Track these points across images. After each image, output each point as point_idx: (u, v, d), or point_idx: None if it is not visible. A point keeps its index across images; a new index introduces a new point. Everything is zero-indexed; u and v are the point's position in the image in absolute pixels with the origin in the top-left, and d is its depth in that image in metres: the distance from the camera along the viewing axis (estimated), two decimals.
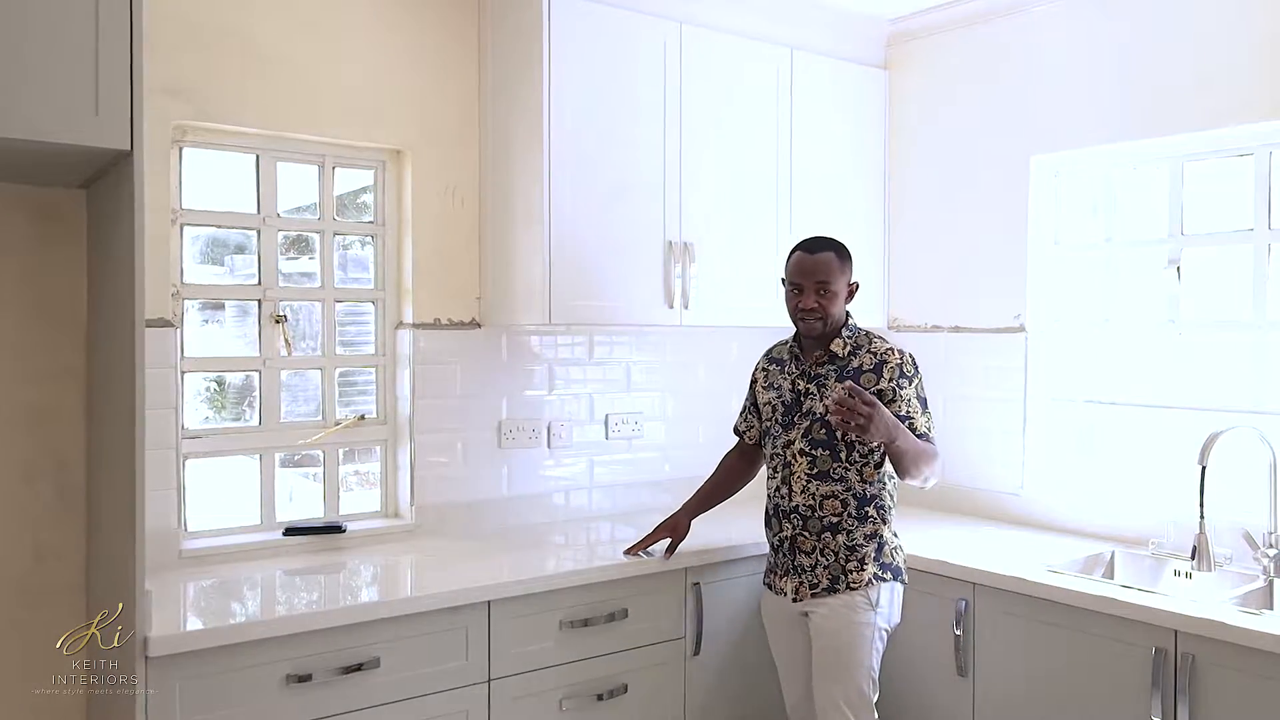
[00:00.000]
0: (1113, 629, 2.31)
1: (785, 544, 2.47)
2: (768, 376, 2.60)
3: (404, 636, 2.26)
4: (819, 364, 2.45)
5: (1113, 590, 2.39)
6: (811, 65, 3.30)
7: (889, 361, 2.39)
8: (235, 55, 2.60)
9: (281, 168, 2.77)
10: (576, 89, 2.78)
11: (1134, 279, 3.04)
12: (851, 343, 2.45)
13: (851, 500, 2.40)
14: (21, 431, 2.34)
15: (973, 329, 3.30)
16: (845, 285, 2.45)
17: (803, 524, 2.43)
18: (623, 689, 2.59)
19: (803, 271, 2.42)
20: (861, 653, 2.38)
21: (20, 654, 2.31)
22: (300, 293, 2.83)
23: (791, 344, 2.55)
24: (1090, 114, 2.99)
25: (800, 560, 2.44)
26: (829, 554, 2.40)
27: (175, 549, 2.54)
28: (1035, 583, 2.46)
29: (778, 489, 2.49)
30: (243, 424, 2.76)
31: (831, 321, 2.42)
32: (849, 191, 3.42)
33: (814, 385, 2.44)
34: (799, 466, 2.43)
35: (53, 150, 1.92)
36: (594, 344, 3.26)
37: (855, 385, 2.23)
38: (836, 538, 2.40)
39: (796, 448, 2.44)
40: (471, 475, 3.01)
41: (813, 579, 2.42)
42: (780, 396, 2.52)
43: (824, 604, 2.40)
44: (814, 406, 2.42)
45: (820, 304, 2.39)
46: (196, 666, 2.01)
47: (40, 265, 2.36)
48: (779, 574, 2.51)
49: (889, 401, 2.35)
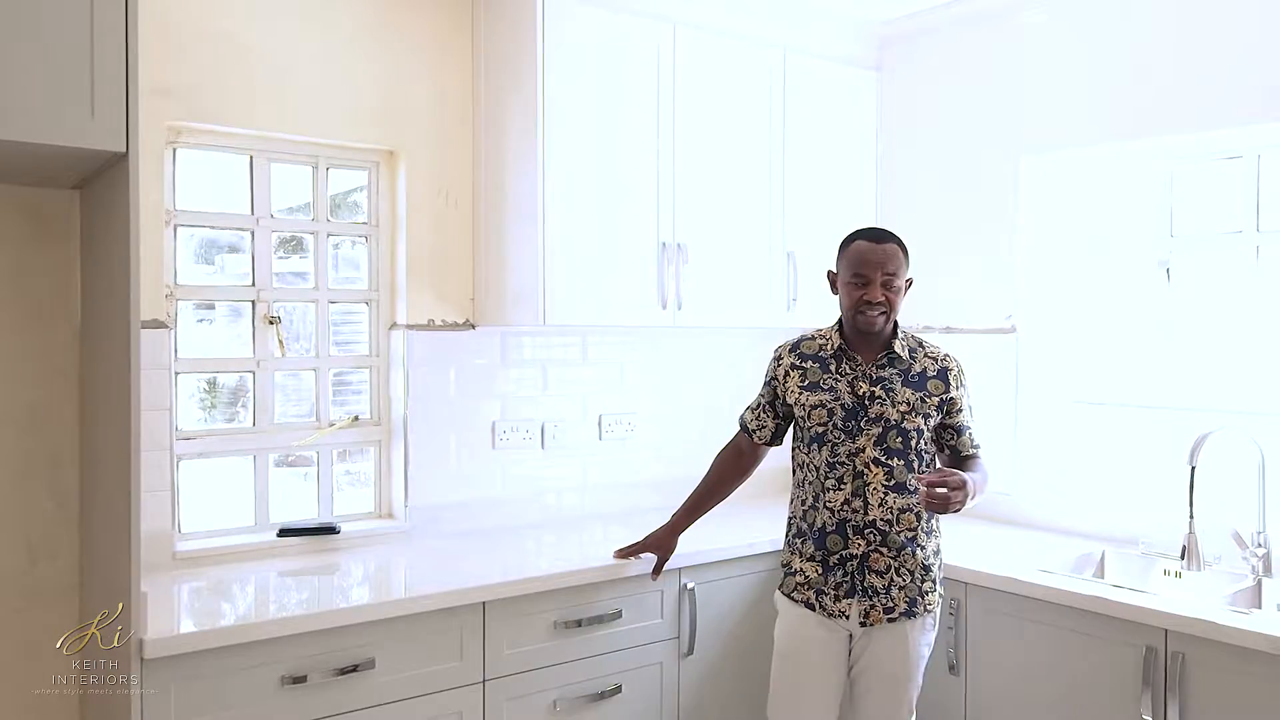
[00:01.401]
0: (1104, 628, 2.33)
1: (851, 562, 2.27)
2: (806, 375, 2.36)
3: (399, 638, 2.26)
4: (880, 365, 2.32)
5: (1103, 590, 2.40)
6: (804, 67, 3.31)
7: (951, 369, 2.34)
8: (227, 56, 2.59)
9: (275, 169, 2.77)
10: (570, 90, 2.79)
11: (1124, 280, 3.06)
12: (907, 344, 2.34)
13: (925, 511, 2.28)
14: (15, 432, 2.34)
15: (964, 329, 3.32)
16: (906, 281, 2.33)
17: (880, 540, 2.26)
18: (616, 689, 2.60)
19: (868, 262, 2.27)
20: (918, 675, 2.31)
21: (14, 654, 2.31)
22: (294, 293, 2.83)
23: (837, 341, 2.35)
24: (1079, 116, 3.01)
25: (871, 581, 2.26)
26: (905, 573, 2.26)
27: (169, 550, 2.53)
28: (1027, 582, 2.48)
29: (846, 502, 2.27)
30: (236, 425, 2.76)
31: (893, 318, 2.30)
32: (840, 192, 3.44)
33: (880, 388, 2.28)
34: (874, 477, 2.25)
35: (48, 152, 1.91)
36: (587, 344, 3.26)
37: (935, 477, 2.14)
38: (915, 555, 2.27)
39: (869, 456, 2.26)
40: (465, 476, 3.01)
41: (887, 602, 2.25)
42: (838, 399, 2.30)
43: (894, 628, 2.27)
44: (885, 412, 2.26)
45: (888, 297, 2.26)
46: (192, 668, 2.01)
47: (33, 266, 2.36)
48: (835, 594, 2.28)
49: (957, 410, 2.33)
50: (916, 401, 2.29)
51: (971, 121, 3.31)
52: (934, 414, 2.31)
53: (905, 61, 3.50)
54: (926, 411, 2.30)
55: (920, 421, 2.29)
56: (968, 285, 3.32)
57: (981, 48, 3.28)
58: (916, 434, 2.29)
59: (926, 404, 2.30)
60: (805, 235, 3.30)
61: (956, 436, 2.37)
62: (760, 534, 2.86)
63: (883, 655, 2.28)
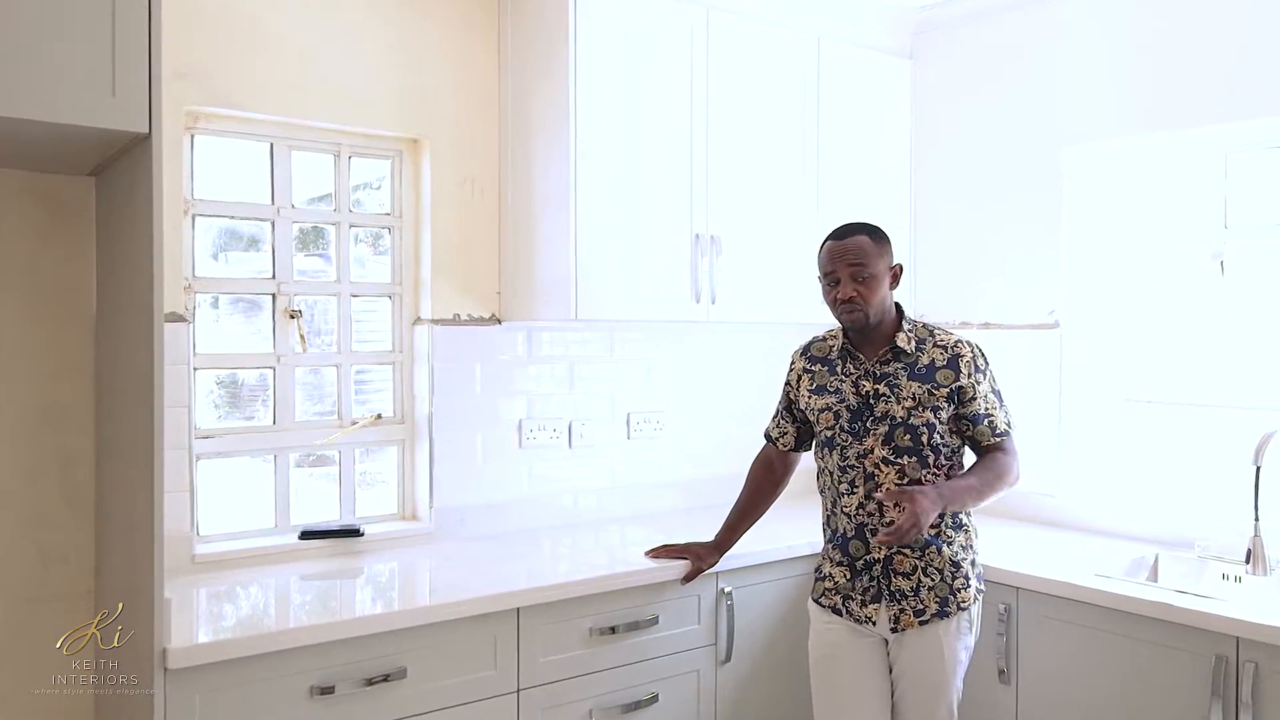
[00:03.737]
0: (1168, 635, 2.22)
1: (875, 566, 2.20)
2: (814, 379, 2.32)
3: (432, 645, 2.15)
4: (884, 361, 2.24)
5: (1167, 595, 2.30)
6: (838, 54, 3.21)
7: (963, 355, 2.20)
8: (247, 38, 2.49)
9: (296, 158, 2.67)
10: (602, 76, 2.68)
11: (1175, 273, 2.96)
12: (914, 336, 2.25)
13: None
14: (27, 431, 2.24)
15: (1004, 325, 3.21)
16: (886, 269, 2.20)
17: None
18: (653, 698, 2.49)
19: (834, 258, 2.19)
20: (957, 679, 2.21)
21: (27, 660, 2.20)
22: (315, 287, 2.73)
23: (842, 341, 2.29)
24: (1124, 104, 2.91)
25: (898, 584, 2.18)
26: (933, 573, 2.17)
27: (188, 553, 2.43)
28: (1083, 587, 2.37)
29: (860, 505, 2.20)
30: (256, 423, 2.65)
31: (875, 311, 2.19)
32: (874, 185, 3.34)
33: (884, 385, 2.20)
34: (886, 477, 2.17)
35: (66, 133, 1.81)
36: (614, 341, 3.16)
37: (884, 498, 2.07)
38: (941, 553, 2.17)
39: (878, 456, 2.19)
40: (491, 476, 2.91)
41: (917, 604, 2.16)
42: (843, 401, 2.24)
43: (927, 631, 2.17)
44: (891, 410, 2.18)
45: (859, 291, 2.16)
46: (218, 678, 1.90)
47: (47, 257, 2.25)
48: (862, 600, 2.21)
49: (969, 399, 2.21)
50: (923, 395, 2.18)
51: (1011, 110, 3.20)
52: (945, 405, 2.19)
53: (940, 48, 3.40)
54: (935, 404, 2.18)
55: (929, 415, 2.18)
56: (1007, 280, 3.22)
57: (1021, 33, 3.18)
58: (927, 429, 2.18)
59: (935, 396, 2.18)
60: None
61: (973, 426, 2.23)
62: (799, 537, 2.76)
63: (917, 660, 2.19)
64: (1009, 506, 3.13)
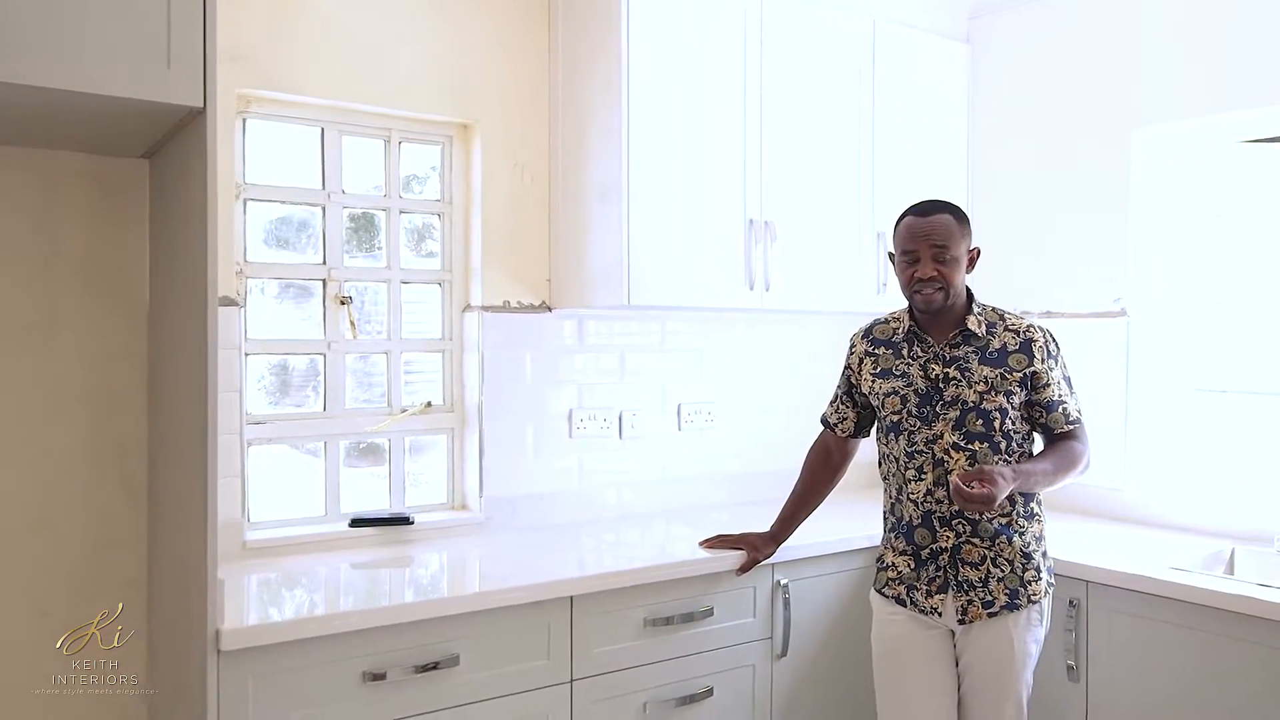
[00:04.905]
0: (1249, 630, 2.12)
1: (942, 555, 2.13)
2: (878, 362, 2.24)
3: (484, 633, 2.11)
4: (954, 344, 2.15)
5: (1248, 589, 2.18)
6: (894, 36, 3.13)
7: (1035, 339, 2.13)
8: (299, 20, 2.48)
9: (347, 144, 2.65)
10: (654, 60, 2.63)
11: (1251, 259, 2.84)
12: (984, 319, 2.16)
13: (1019, 496, 2.10)
14: (80, 417, 2.23)
15: (1067, 314, 3.11)
16: (966, 251, 2.13)
17: (971, 530, 2.10)
18: (707, 692, 2.43)
19: (915, 236, 2.11)
20: (1026, 673, 2.12)
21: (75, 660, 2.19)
22: (365, 273, 2.70)
23: (908, 323, 2.21)
24: (1200, 82, 2.80)
25: (966, 574, 2.11)
26: (1003, 564, 2.10)
27: (239, 540, 2.41)
28: (1161, 580, 2.27)
29: (928, 492, 2.13)
30: (306, 410, 2.63)
31: (953, 293, 2.12)
32: (930, 170, 3.25)
33: (955, 369, 2.12)
34: (956, 463, 2.09)
35: (121, 109, 1.79)
36: (666, 330, 3.11)
37: (961, 479, 1.95)
38: (1012, 543, 2.10)
39: (948, 442, 2.11)
40: (542, 467, 2.87)
41: (986, 595, 2.09)
42: (910, 385, 2.17)
43: (996, 624, 2.10)
44: (962, 394, 2.10)
45: (940, 272, 2.08)
46: (270, 662, 1.87)
47: (101, 240, 2.25)
48: (928, 590, 2.15)
49: (1043, 385, 2.13)
50: (996, 379, 2.10)
51: (1076, 93, 3.10)
52: (1018, 390, 2.11)
53: (999, 31, 3.31)
54: (1008, 389, 2.10)
55: (1002, 400, 2.10)
56: (1070, 267, 3.12)
57: (1084, 14, 3.08)
58: (999, 414, 2.10)
59: (1008, 380, 2.10)
60: (896, 215, 3.10)
61: (1046, 414, 2.16)
62: (856, 529, 2.69)
63: (985, 653, 2.12)
64: (1074, 500, 3.04)
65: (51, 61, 1.66)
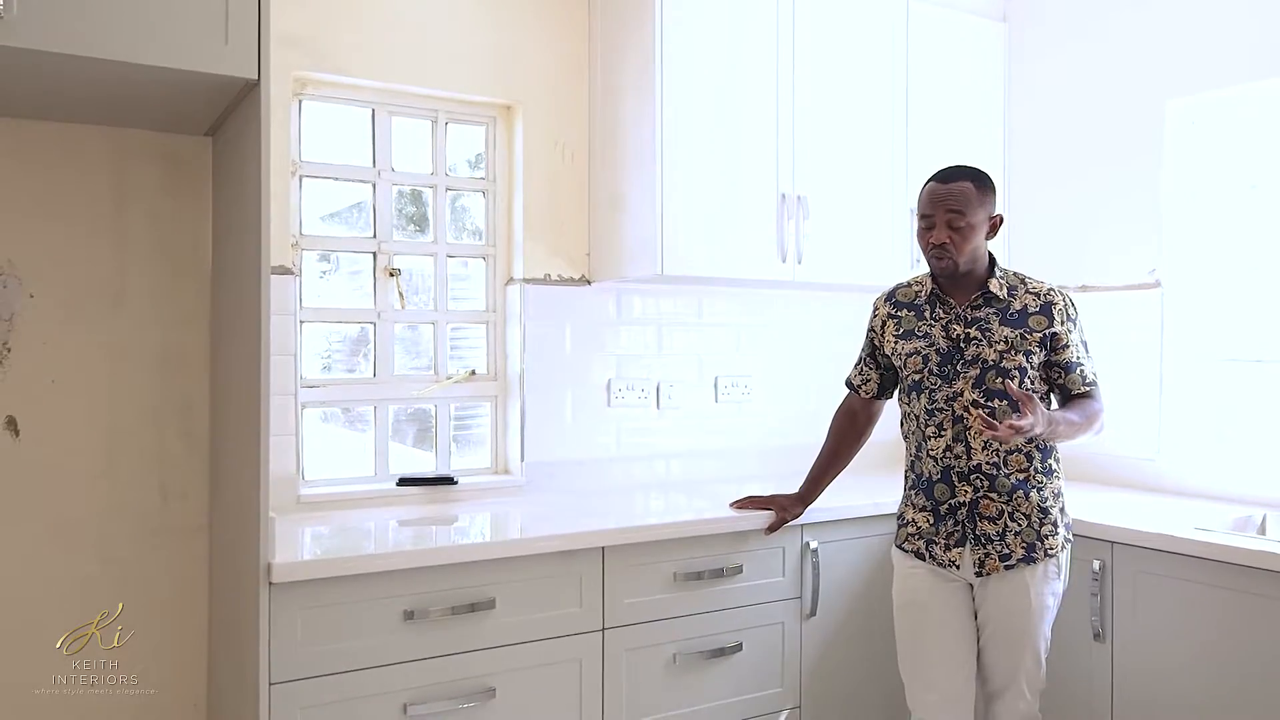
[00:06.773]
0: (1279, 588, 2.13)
1: (960, 510, 2.19)
2: (900, 324, 2.31)
3: (520, 579, 2.23)
4: (975, 306, 2.21)
5: (1278, 546, 2.19)
6: (928, 14, 3.19)
7: (1055, 302, 2.19)
8: (353, 6, 2.63)
9: (396, 124, 2.79)
10: (688, 36, 2.73)
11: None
12: (1006, 283, 2.22)
13: (1036, 453, 2.17)
14: (150, 375, 2.40)
15: (1102, 287, 3.13)
16: (985, 218, 2.17)
17: (988, 485, 2.16)
18: (737, 646, 2.52)
19: (934, 201, 2.16)
20: (1044, 626, 2.18)
21: (147, 590, 2.36)
22: (413, 246, 2.85)
23: (931, 287, 2.27)
24: (1233, 52, 2.81)
25: (984, 528, 2.17)
26: (1020, 518, 2.16)
27: (294, 494, 2.56)
28: (1188, 539, 2.29)
29: (947, 449, 2.20)
30: (358, 375, 2.78)
31: (966, 260, 2.17)
32: (965, 145, 3.29)
33: (975, 330, 2.18)
34: (974, 421, 2.13)
35: (183, 82, 1.95)
36: (702, 305, 3.20)
37: (990, 414, 2.09)
38: (1029, 498, 2.16)
39: (968, 399, 2.17)
40: (581, 434, 2.98)
41: (1002, 549, 2.15)
42: (932, 345, 2.23)
43: (1013, 576, 2.16)
44: (982, 353, 2.17)
45: (951, 238, 2.13)
46: (317, 595, 2.01)
47: (167, 212, 2.42)
48: (946, 544, 2.21)
49: (1062, 346, 2.19)
50: (1016, 339, 2.16)
51: (1112, 66, 3.13)
52: (1037, 350, 2.17)
53: (1036, 7, 3.34)
54: (1028, 349, 2.16)
55: (1021, 359, 2.16)
56: (1105, 241, 3.14)
57: None
58: (1019, 372, 2.15)
59: (1028, 340, 2.16)
60: None
61: (1065, 374, 2.21)
62: (885, 495, 2.74)
63: (1003, 605, 2.18)
64: (1105, 470, 3.06)
65: (123, 38, 1.82)
